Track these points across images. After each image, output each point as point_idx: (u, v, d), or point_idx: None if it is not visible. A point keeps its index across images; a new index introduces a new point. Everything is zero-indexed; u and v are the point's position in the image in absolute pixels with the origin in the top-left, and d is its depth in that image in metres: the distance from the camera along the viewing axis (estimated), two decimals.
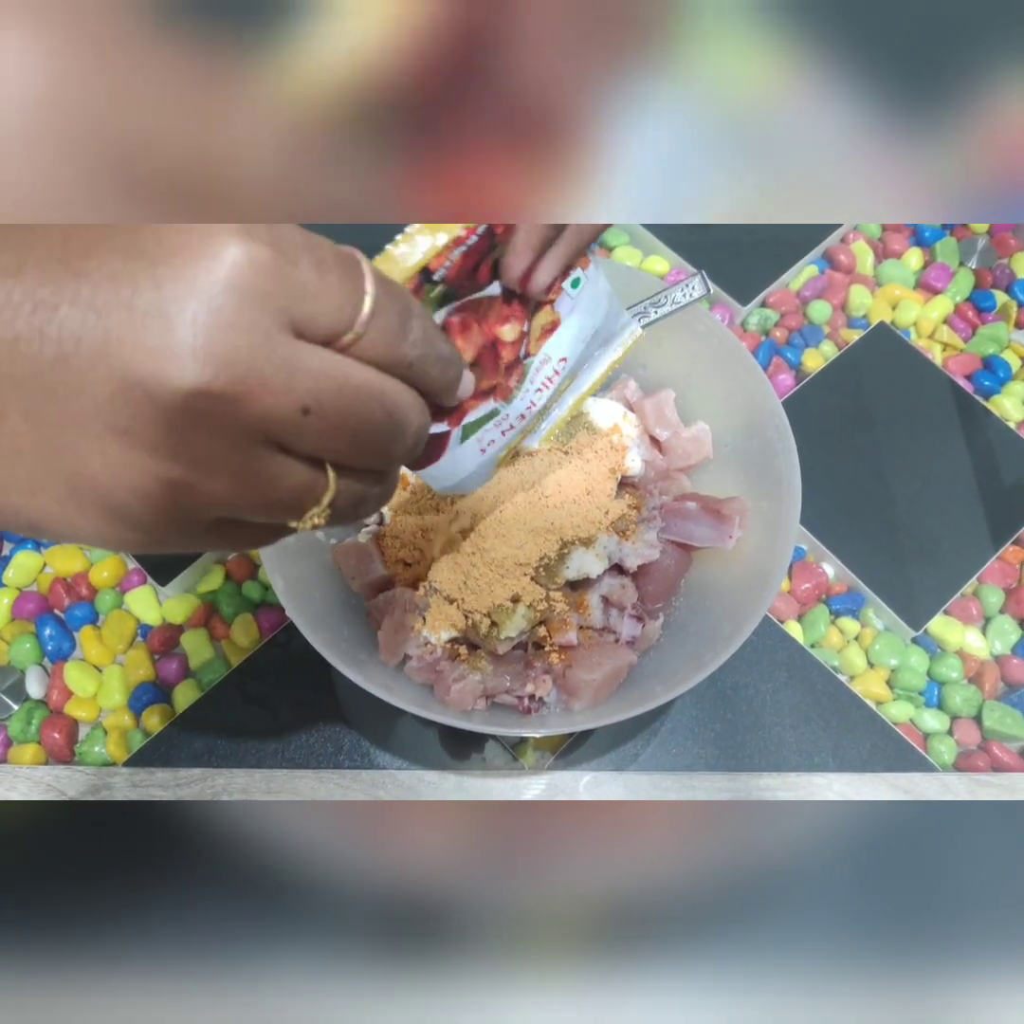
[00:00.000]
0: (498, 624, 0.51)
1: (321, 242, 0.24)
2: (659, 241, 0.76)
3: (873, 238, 0.79)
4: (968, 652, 0.64)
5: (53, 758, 0.60)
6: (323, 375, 0.23)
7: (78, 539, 0.24)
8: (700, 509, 0.55)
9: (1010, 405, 0.72)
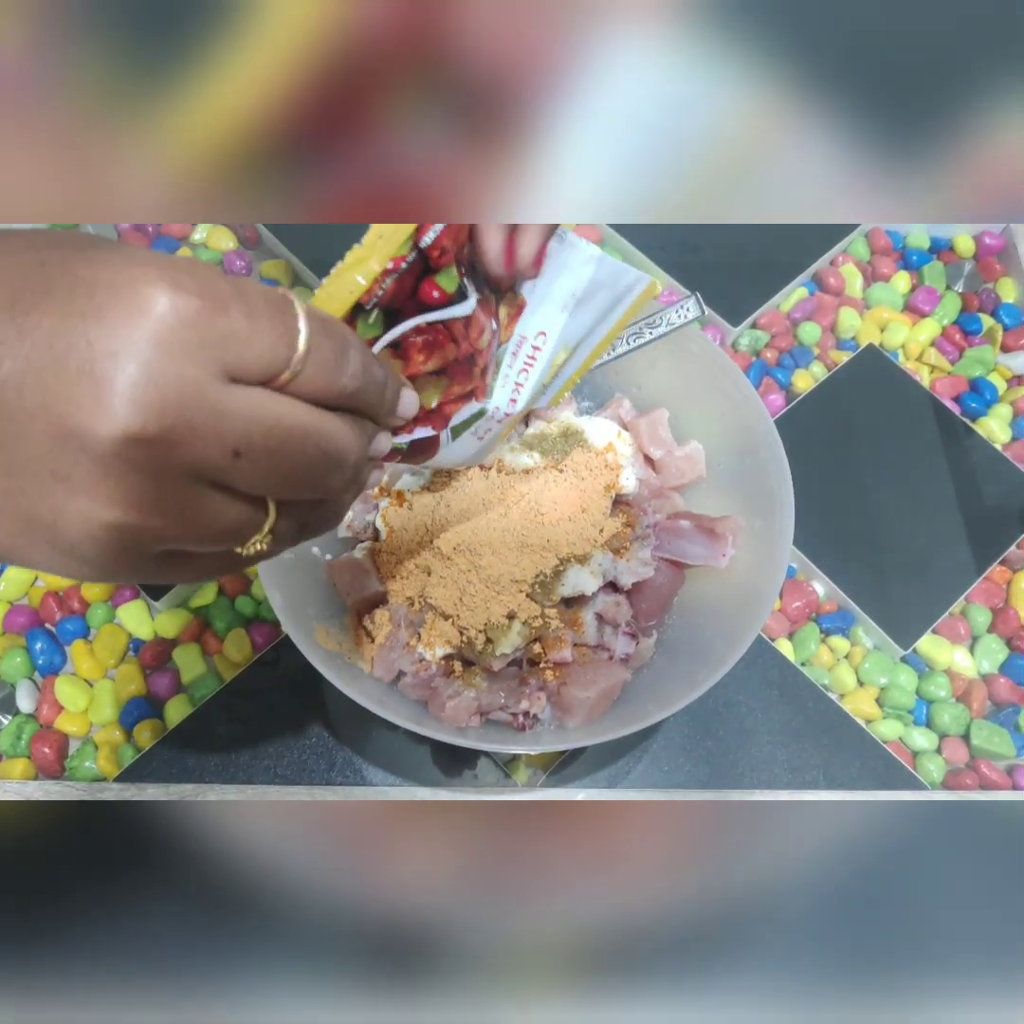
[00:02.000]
0: (493, 641, 0.51)
1: (249, 287, 0.25)
2: (651, 262, 0.77)
3: (862, 261, 0.80)
4: (956, 671, 0.65)
5: (43, 773, 0.59)
6: (253, 419, 0.24)
7: (33, 568, 0.25)
8: (693, 527, 0.55)
9: (996, 427, 0.73)
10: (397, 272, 0.32)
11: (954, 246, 0.81)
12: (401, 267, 0.32)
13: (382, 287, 0.32)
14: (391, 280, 0.32)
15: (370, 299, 0.32)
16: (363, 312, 0.32)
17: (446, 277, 0.34)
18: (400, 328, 0.34)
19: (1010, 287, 0.78)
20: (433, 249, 0.33)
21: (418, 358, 0.35)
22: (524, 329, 0.40)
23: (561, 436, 0.57)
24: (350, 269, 0.32)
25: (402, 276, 0.33)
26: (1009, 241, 0.80)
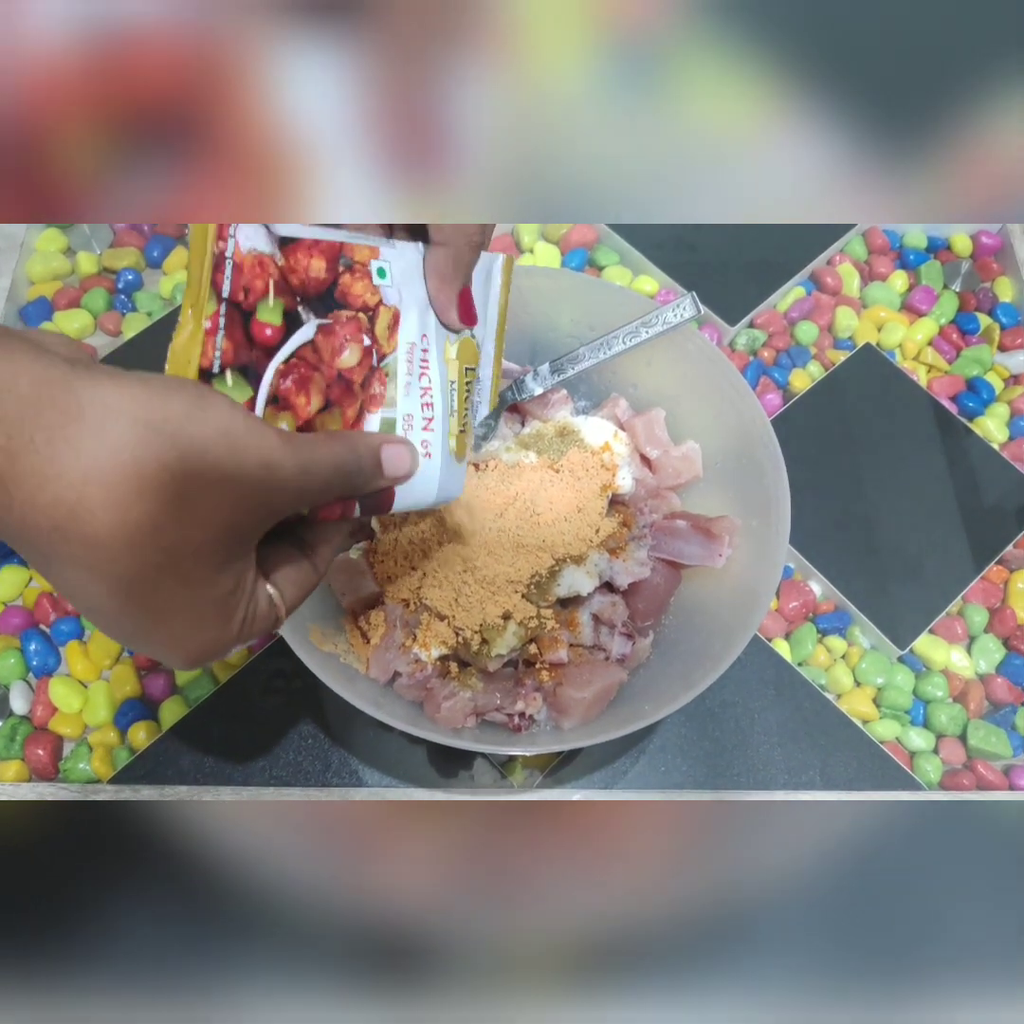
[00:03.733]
0: (489, 641, 0.51)
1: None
2: (648, 261, 0.77)
3: (859, 260, 0.80)
4: (953, 671, 0.65)
5: (37, 775, 0.59)
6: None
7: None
8: (690, 527, 0.55)
9: (993, 426, 0.73)
10: (219, 330, 0.33)
11: (951, 245, 0.81)
12: (219, 323, 0.33)
13: (216, 348, 0.33)
14: (221, 339, 0.33)
15: (211, 362, 0.33)
16: (215, 378, 0.33)
17: (265, 311, 0.34)
18: (265, 380, 0.34)
19: (1007, 286, 0.78)
20: (236, 294, 0.33)
21: (300, 402, 0.35)
22: (409, 336, 0.40)
23: (557, 436, 0.57)
24: (181, 343, 0.33)
25: (229, 331, 0.33)
26: (1006, 240, 0.80)
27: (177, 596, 0.29)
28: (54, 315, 0.74)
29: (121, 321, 0.74)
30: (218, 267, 0.33)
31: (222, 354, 0.33)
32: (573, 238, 0.78)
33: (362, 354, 0.38)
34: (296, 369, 0.35)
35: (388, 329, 0.39)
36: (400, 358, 0.40)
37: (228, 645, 0.32)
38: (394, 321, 0.39)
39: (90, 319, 0.74)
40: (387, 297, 0.39)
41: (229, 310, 0.33)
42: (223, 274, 0.33)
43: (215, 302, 0.33)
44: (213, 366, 0.33)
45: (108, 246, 0.77)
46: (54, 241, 0.77)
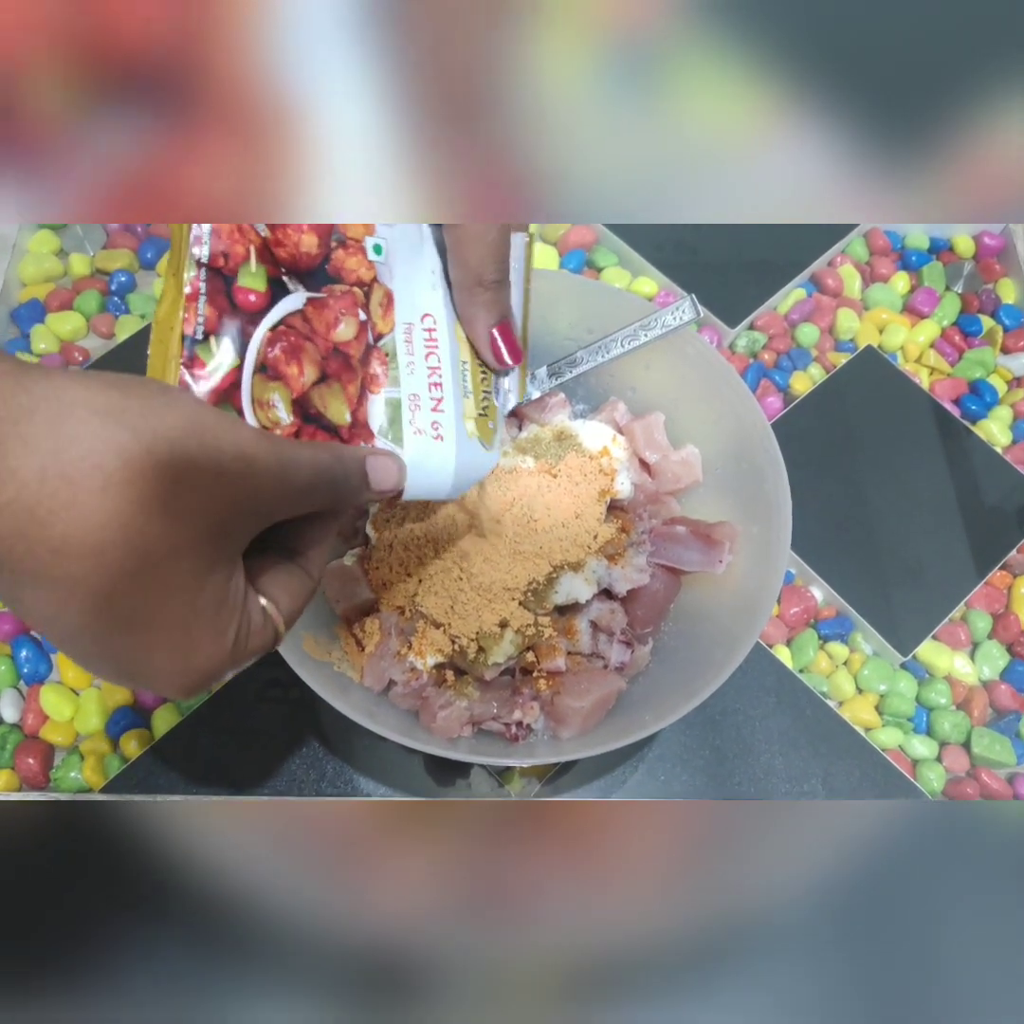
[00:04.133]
0: (485, 649, 0.50)
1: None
2: (647, 263, 0.76)
3: (860, 262, 0.79)
4: (956, 678, 0.64)
5: (27, 784, 0.58)
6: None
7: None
8: (690, 533, 0.54)
9: (996, 430, 0.72)
10: (199, 295, 0.32)
11: (953, 246, 0.80)
12: (200, 288, 0.32)
13: (198, 314, 0.32)
14: (203, 304, 0.32)
15: (193, 329, 0.32)
16: (199, 343, 0.32)
17: (248, 276, 0.34)
18: (252, 346, 0.33)
19: (1010, 288, 0.78)
20: (216, 259, 0.33)
21: (292, 371, 0.34)
22: (406, 316, 0.39)
23: (555, 440, 0.56)
24: (164, 311, 0.32)
25: (210, 298, 0.33)
26: (1009, 241, 0.79)
27: (158, 609, 0.26)
28: (46, 317, 0.73)
29: (114, 323, 0.73)
30: (197, 236, 0.33)
31: (205, 320, 0.32)
32: (571, 239, 0.77)
33: (358, 328, 0.37)
34: (285, 337, 0.34)
35: (381, 307, 0.38)
36: (398, 338, 0.39)
37: (223, 666, 0.29)
38: (387, 300, 0.38)
39: (83, 321, 0.73)
40: (380, 275, 0.38)
41: (210, 275, 0.33)
42: (201, 241, 0.33)
43: (194, 267, 0.32)
44: (196, 332, 0.32)
45: (101, 247, 0.77)
46: (46, 242, 0.76)
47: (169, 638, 0.27)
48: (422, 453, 0.38)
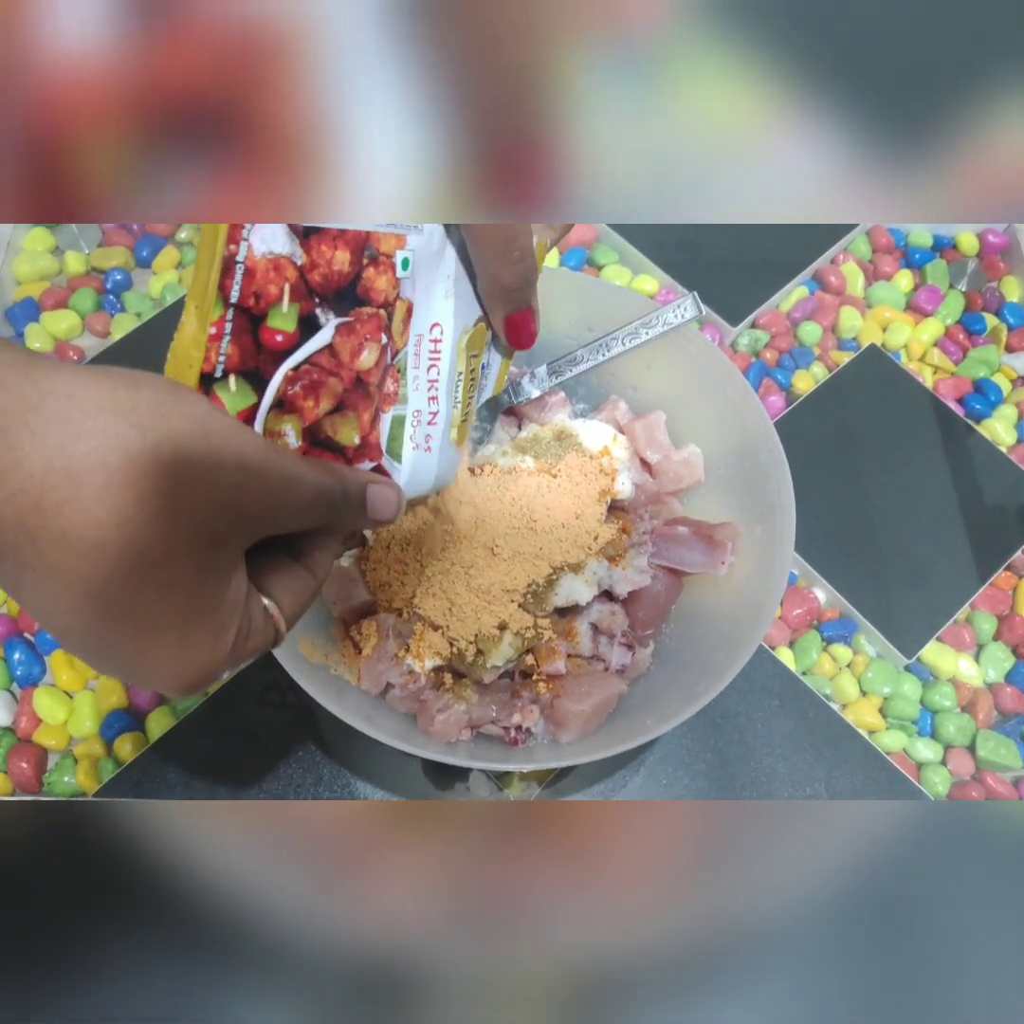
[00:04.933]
0: (484, 652, 0.50)
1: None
2: (648, 261, 0.75)
3: (863, 259, 0.78)
4: (961, 680, 0.63)
5: (20, 789, 0.57)
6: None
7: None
8: (692, 534, 0.53)
9: (1001, 429, 0.71)
10: (223, 335, 0.31)
11: (957, 244, 0.79)
12: (225, 329, 0.31)
13: (220, 354, 0.31)
14: (227, 344, 0.31)
15: (213, 367, 0.31)
16: (217, 382, 0.31)
17: (278, 317, 0.32)
18: (272, 386, 0.32)
19: (1014, 285, 0.77)
20: (245, 300, 0.31)
21: (308, 405, 0.34)
22: (418, 328, 0.39)
23: (555, 439, 0.56)
24: (182, 344, 0.31)
25: (236, 337, 0.31)
26: (1013, 239, 0.78)
27: (156, 605, 0.26)
28: (41, 316, 0.72)
29: (110, 322, 0.73)
30: (227, 271, 0.31)
31: (226, 359, 0.31)
32: (572, 237, 0.77)
33: (380, 353, 0.36)
34: (308, 375, 0.33)
35: (402, 323, 0.38)
36: (409, 352, 0.38)
37: (221, 665, 0.29)
38: (407, 314, 0.38)
39: (78, 320, 0.72)
40: (403, 289, 0.37)
41: (237, 315, 0.31)
42: (232, 279, 0.31)
43: (222, 307, 0.31)
44: (216, 371, 0.31)
45: (97, 245, 0.76)
46: (41, 240, 0.75)
47: (166, 636, 0.27)
48: (416, 465, 0.40)
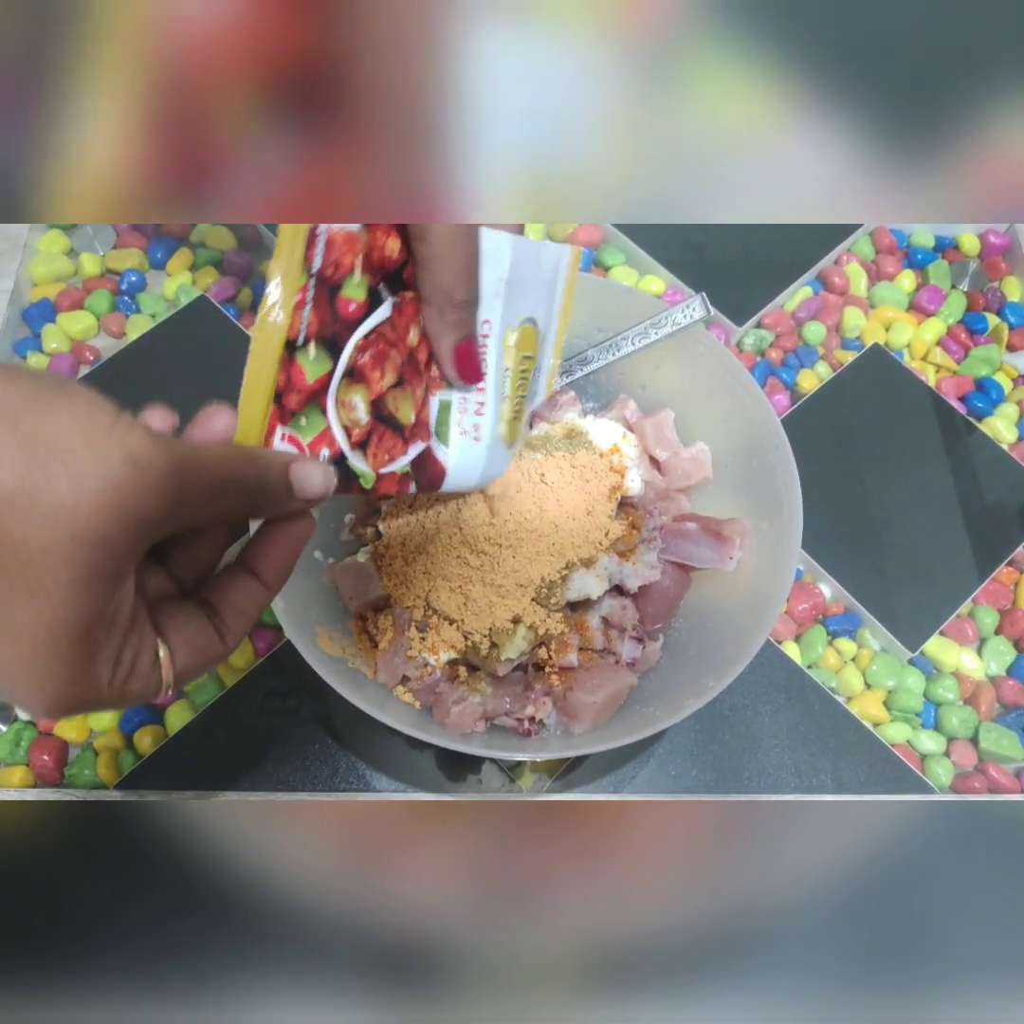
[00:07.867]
0: (498, 645, 0.51)
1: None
2: (655, 261, 0.76)
3: (867, 260, 0.79)
4: (964, 673, 0.64)
5: (42, 781, 0.58)
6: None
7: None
8: (700, 530, 0.54)
9: (1003, 426, 0.72)
10: (307, 303, 0.33)
11: (959, 244, 0.80)
12: (308, 296, 0.33)
13: (303, 321, 0.33)
14: (309, 312, 0.33)
15: (297, 335, 0.33)
16: (299, 349, 0.33)
17: (351, 287, 0.35)
18: (345, 354, 0.35)
19: (1015, 286, 0.78)
20: (326, 269, 0.34)
21: (375, 376, 0.36)
22: None
23: (565, 438, 0.57)
24: (269, 313, 0.33)
25: (316, 305, 0.33)
26: (1014, 239, 0.79)
27: (20, 610, 0.24)
28: (57, 317, 0.73)
29: (125, 323, 0.74)
30: (311, 243, 0.33)
31: (307, 326, 0.33)
32: (579, 238, 0.78)
33: (421, 335, 0.38)
34: (375, 345, 0.36)
35: None
36: None
37: (93, 691, 0.26)
38: None
39: (93, 321, 0.73)
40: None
41: (317, 284, 0.33)
42: (314, 250, 0.33)
43: (305, 276, 0.33)
44: (299, 338, 0.33)
45: (111, 247, 0.77)
46: (57, 242, 0.76)
47: (29, 646, 0.25)
48: (463, 453, 0.41)
